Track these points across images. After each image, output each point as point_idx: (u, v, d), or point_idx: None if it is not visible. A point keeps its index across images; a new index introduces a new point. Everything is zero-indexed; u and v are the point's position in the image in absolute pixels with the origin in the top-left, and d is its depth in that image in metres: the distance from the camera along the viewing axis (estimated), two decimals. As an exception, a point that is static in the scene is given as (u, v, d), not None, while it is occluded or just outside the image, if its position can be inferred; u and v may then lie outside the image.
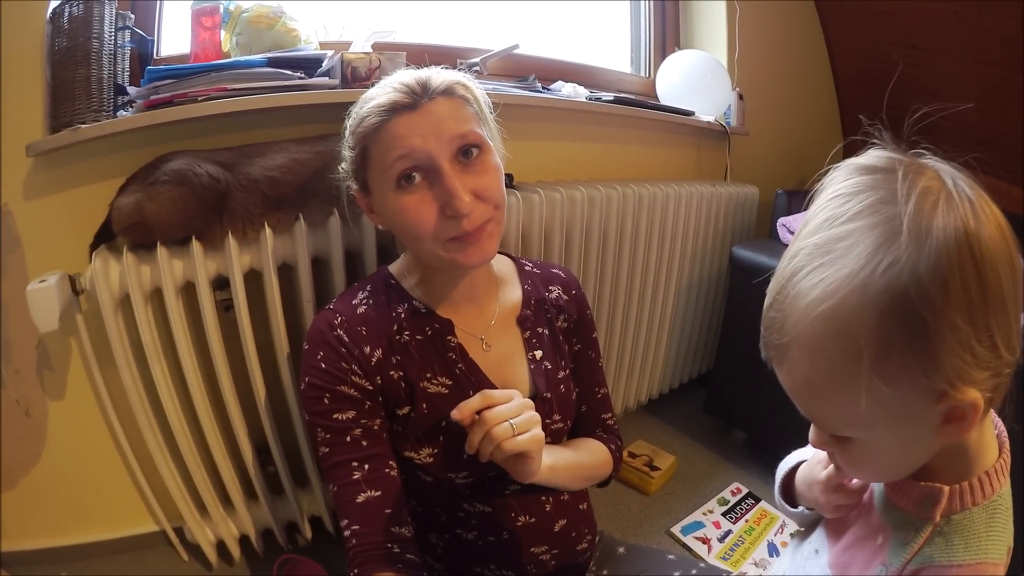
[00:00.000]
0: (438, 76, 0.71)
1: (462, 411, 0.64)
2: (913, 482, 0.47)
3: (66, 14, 0.97)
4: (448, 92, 0.70)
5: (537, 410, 0.80)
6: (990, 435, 0.47)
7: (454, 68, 0.74)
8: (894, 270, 0.36)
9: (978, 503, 0.45)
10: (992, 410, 0.44)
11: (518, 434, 0.65)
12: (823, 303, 0.39)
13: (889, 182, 0.39)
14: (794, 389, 0.45)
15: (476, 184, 0.70)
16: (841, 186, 0.42)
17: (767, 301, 0.45)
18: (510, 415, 0.65)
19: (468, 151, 0.70)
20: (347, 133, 0.75)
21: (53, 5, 0.97)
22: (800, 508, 0.64)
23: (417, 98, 0.68)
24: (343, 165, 0.78)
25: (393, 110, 0.68)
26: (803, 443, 0.65)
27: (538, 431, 0.67)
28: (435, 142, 0.68)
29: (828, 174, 0.44)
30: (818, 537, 0.60)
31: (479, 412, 0.66)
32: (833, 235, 0.40)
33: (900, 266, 0.36)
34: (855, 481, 0.55)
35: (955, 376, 0.38)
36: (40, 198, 1.03)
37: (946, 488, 0.45)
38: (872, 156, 0.43)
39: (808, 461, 0.63)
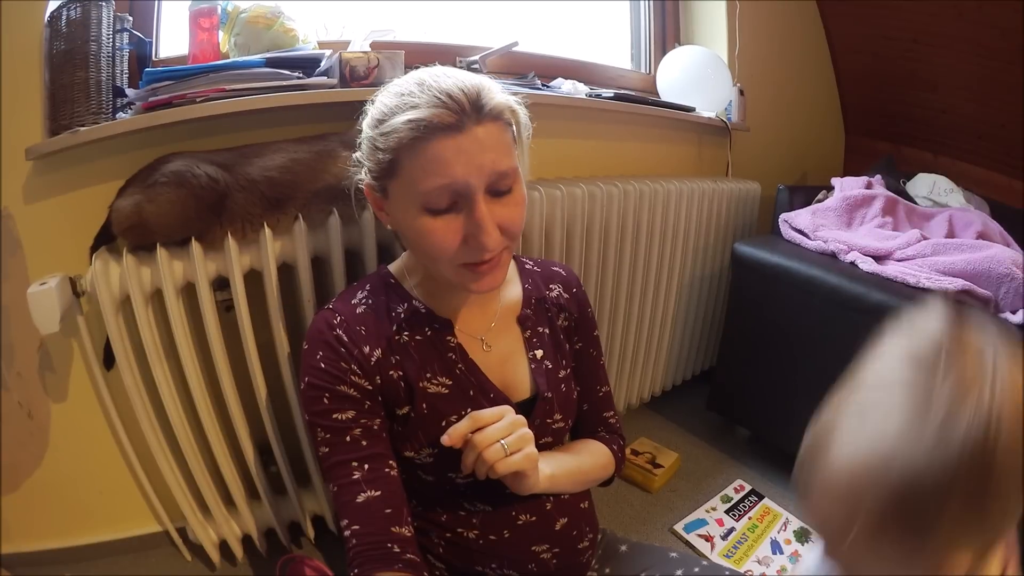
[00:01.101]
0: (490, 96, 0.65)
1: (451, 436, 0.64)
2: None
3: (64, 17, 0.97)
4: (497, 117, 0.66)
5: (538, 409, 0.81)
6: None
7: (461, 67, 0.72)
8: (912, 455, 0.39)
9: None
10: None
11: (510, 454, 0.65)
12: (844, 463, 0.43)
13: (933, 364, 0.41)
14: (813, 527, 0.48)
15: (503, 216, 0.68)
16: (893, 348, 0.46)
17: (805, 442, 0.49)
18: (500, 435, 0.65)
19: (502, 185, 0.68)
20: (374, 130, 0.68)
21: (51, 8, 0.97)
22: None
23: (463, 119, 0.63)
24: (358, 155, 0.74)
25: (436, 129, 0.62)
26: (803, 441, 0.65)
27: (531, 449, 0.68)
28: (476, 173, 0.64)
29: (883, 338, 0.47)
30: None
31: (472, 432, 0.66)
32: (870, 400, 0.44)
33: (918, 455, 0.39)
34: None
35: (946, 548, 0.40)
36: (40, 201, 1.03)
37: None
38: (921, 334, 0.44)
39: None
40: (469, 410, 0.76)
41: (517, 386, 0.82)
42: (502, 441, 0.65)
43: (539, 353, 0.84)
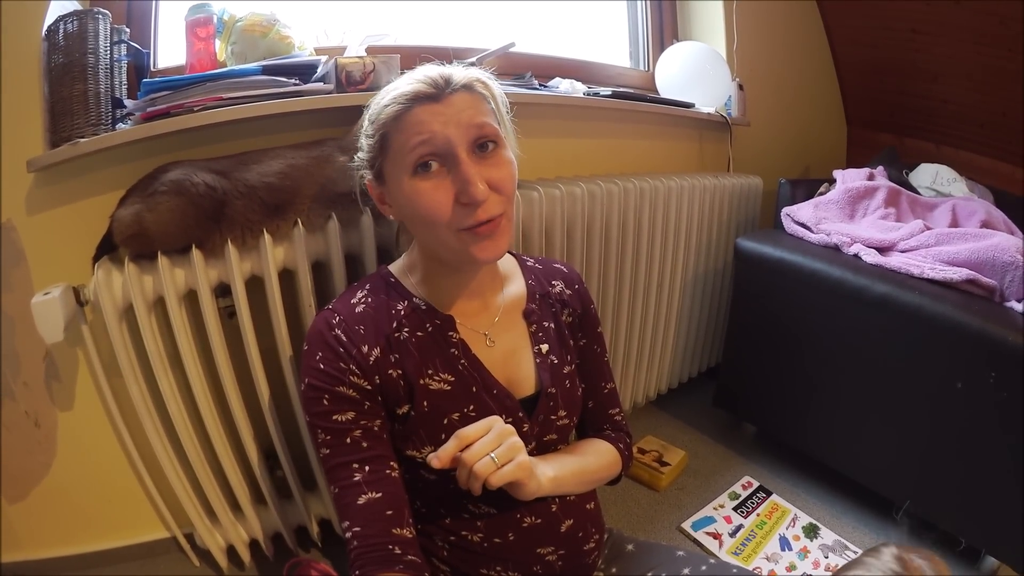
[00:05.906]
0: (460, 72, 0.72)
1: (440, 459, 0.65)
2: None
3: (61, 31, 0.98)
4: (468, 88, 0.71)
5: (542, 406, 0.81)
6: None
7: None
8: None
9: None
10: None
11: (501, 465, 0.65)
12: None
13: None
14: None
15: (491, 175, 0.70)
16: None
17: None
18: (489, 449, 0.65)
19: (485, 144, 0.71)
20: (366, 122, 0.75)
21: (48, 22, 0.98)
22: None
23: (440, 90, 0.69)
24: (359, 155, 0.79)
25: (416, 99, 0.69)
26: (810, 436, 0.66)
27: (522, 458, 0.68)
28: (455, 129, 0.68)
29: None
30: None
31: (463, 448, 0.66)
32: None
33: None
34: None
35: None
36: (42, 212, 1.05)
37: None
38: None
39: None
40: (472, 407, 0.76)
41: (521, 382, 0.82)
42: (491, 454, 0.65)
43: (544, 348, 0.84)
